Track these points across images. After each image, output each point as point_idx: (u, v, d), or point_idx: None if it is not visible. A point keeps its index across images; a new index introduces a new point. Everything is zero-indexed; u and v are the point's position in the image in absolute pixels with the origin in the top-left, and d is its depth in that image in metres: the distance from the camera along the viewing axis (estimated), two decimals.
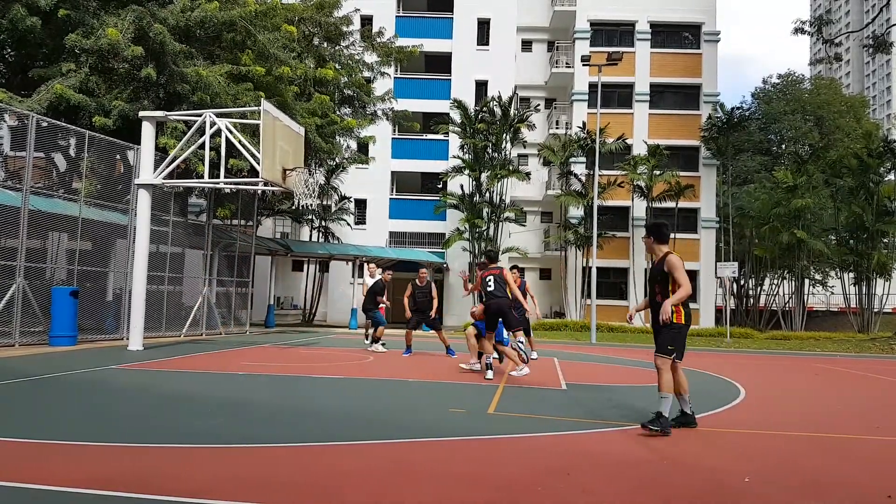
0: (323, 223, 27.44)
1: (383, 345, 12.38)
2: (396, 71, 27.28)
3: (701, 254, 29.66)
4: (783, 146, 37.64)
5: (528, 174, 28.34)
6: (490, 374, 8.46)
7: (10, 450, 4.14)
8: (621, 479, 3.93)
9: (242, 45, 14.58)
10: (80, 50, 12.70)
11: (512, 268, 11.09)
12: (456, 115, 26.66)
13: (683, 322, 5.29)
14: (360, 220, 29.76)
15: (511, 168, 26.65)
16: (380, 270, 12.91)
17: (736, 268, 24.51)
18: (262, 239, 21.88)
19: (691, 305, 25.08)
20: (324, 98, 16.28)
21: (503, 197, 26.77)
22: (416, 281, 11.48)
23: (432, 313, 11.41)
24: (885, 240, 29.86)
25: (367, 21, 26.74)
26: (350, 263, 24.88)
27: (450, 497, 3.48)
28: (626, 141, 28.19)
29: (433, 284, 11.75)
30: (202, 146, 11.27)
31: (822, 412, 7.11)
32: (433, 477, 3.88)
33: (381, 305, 12.28)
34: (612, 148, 27.33)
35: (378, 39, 20.51)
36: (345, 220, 27.88)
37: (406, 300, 11.41)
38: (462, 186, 26.80)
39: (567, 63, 31.11)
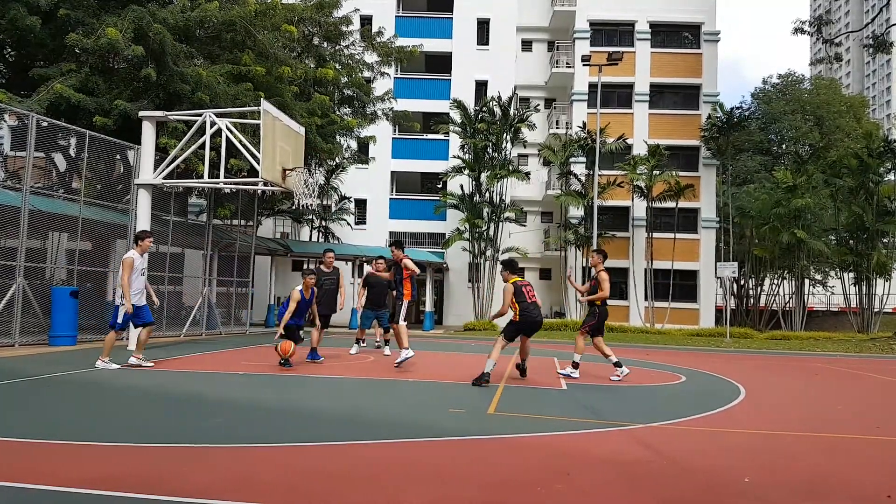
0: (323, 223, 27.44)
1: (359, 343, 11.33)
2: (396, 71, 27.28)
3: (701, 254, 29.65)
4: (783, 146, 37.63)
5: (528, 174, 28.31)
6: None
7: (10, 450, 4.14)
8: (621, 480, 3.93)
9: (242, 45, 14.59)
10: (80, 49, 12.71)
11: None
12: (456, 115, 26.65)
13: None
14: (360, 220, 29.76)
15: (511, 168, 26.63)
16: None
17: (736, 268, 24.52)
18: (262, 239, 21.89)
19: (691, 305, 24.93)
20: (324, 98, 16.28)
21: (503, 197, 26.76)
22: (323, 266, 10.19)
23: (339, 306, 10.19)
24: (885, 240, 29.85)
25: (366, 21, 26.74)
26: (350, 263, 24.88)
27: (449, 497, 3.48)
28: (626, 141, 28.17)
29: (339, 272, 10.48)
30: (202, 146, 11.28)
31: (822, 412, 7.11)
32: (433, 477, 3.88)
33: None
34: (612, 148, 27.32)
35: (378, 39, 20.51)
36: (345, 220, 27.88)
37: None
38: (462, 186, 26.79)
39: (567, 63, 31.10)
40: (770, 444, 5.12)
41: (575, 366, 9.14)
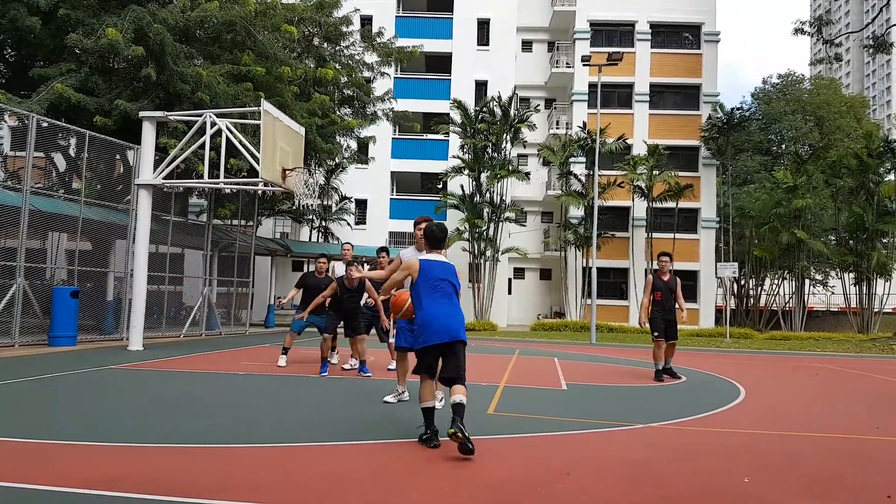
0: (323, 223, 27.45)
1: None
2: (396, 71, 27.27)
3: (701, 254, 29.64)
4: (783, 146, 37.63)
5: (528, 174, 28.31)
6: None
7: (10, 450, 4.14)
8: (621, 479, 3.93)
9: (242, 45, 14.58)
10: (80, 49, 12.70)
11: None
12: (456, 115, 26.65)
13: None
14: (361, 220, 29.75)
15: (511, 168, 26.64)
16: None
17: (736, 268, 24.51)
18: (262, 239, 21.89)
19: (692, 306, 24.72)
20: (324, 98, 16.28)
21: (503, 197, 26.77)
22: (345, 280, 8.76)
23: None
24: (885, 240, 29.85)
25: (367, 21, 26.73)
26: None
27: (449, 497, 3.49)
28: (626, 141, 28.17)
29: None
30: (202, 146, 11.27)
31: (822, 412, 7.11)
32: (433, 477, 3.88)
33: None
34: (612, 148, 27.32)
35: (378, 39, 20.51)
36: (345, 220, 27.89)
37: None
38: (462, 186, 26.80)
39: (567, 63, 31.09)
40: (770, 444, 5.12)
41: None
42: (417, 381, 4.86)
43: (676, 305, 9.00)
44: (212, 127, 11.10)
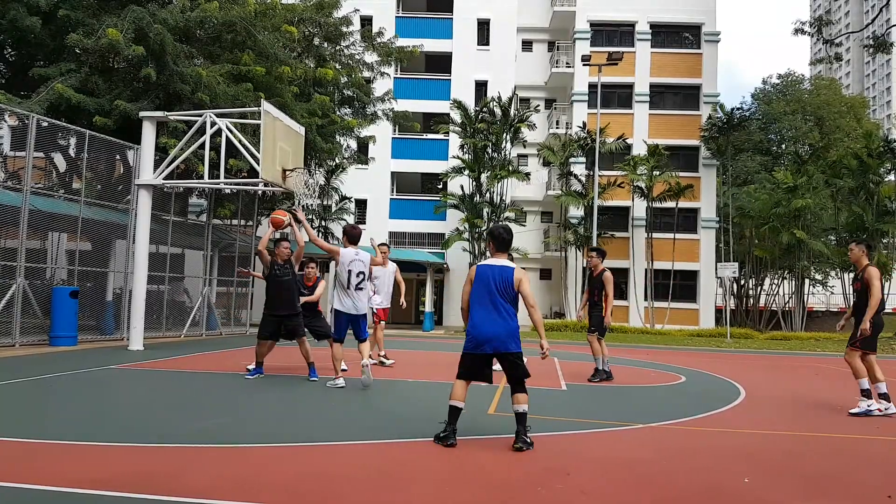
0: (323, 223, 27.43)
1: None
2: (396, 71, 27.27)
3: (701, 254, 29.65)
4: (783, 146, 37.65)
5: (528, 174, 28.32)
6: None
7: (11, 450, 4.14)
8: (621, 479, 3.93)
9: (242, 46, 14.58)
10: (80, 49, 12.70)
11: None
12: (456, 115, 26.64)
13: None
14: (361, 220, 29.74)
15: (511, 168, 26.63)
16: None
17: (736, 268, 24.52)
18: None
19: (691, 306, 24.86)
20: (324, 98, 16.28)
21: (503, 197, 26.76)
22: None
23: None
24: (885, 240, 29.85)
25: (366, 21, 26.72)
26: None
27: (449, 497, 3.49)
28: (626, 141, 28.19)
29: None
30: (202, 146, 11.26)
31: (822, 412, 7.11)
32: (433, 477, 3.88)
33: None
34: (612, 148, 27.32)
35: (378, 39, 20.51)
36: (345, 220, 27.88)
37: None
38: (462, 186, 26.80)
39: (567, 63, 31.10)
40: (770, 444, 5.12)
41: (873, 395, 6.59)
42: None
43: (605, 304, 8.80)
44: (212, 127, 11.10)
